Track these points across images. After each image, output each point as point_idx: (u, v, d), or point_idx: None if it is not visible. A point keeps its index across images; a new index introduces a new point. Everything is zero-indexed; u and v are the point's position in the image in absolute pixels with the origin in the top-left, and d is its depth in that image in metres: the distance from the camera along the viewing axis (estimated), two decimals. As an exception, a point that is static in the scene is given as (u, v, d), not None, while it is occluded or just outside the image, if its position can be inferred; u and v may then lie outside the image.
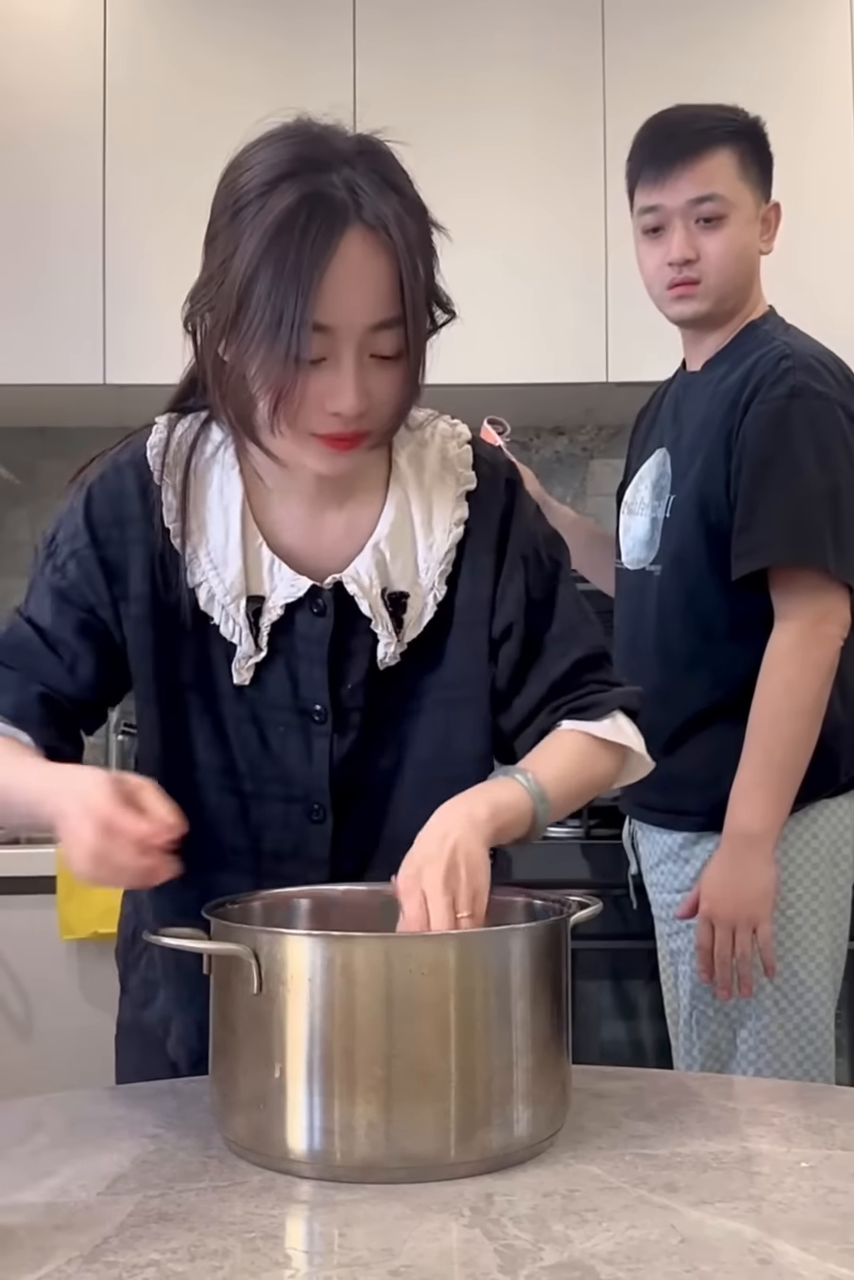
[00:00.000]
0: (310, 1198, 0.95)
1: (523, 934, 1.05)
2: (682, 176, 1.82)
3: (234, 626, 1.22)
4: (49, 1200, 0.93)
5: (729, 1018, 1.79)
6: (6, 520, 3.09)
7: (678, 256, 1.82)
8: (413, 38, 2.73)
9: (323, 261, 1.09)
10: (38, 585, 1.26)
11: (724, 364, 1.88)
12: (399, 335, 1.13)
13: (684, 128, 1.85)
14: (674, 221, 1.83)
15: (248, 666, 1.23)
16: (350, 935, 1.04)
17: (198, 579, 1.22)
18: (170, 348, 2.92)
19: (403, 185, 1.16)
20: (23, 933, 2.40)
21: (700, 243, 1.82)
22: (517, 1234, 0.87)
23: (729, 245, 1.83)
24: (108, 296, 2.70)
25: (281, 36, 2.75)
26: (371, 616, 1.23)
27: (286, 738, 1.25)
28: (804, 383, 1.77)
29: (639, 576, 1.90)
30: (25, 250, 2.71)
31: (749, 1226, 0.88)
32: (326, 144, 1.18)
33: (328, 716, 1.24)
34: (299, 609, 1.23)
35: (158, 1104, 1.15)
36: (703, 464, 1.82)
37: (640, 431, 2.06)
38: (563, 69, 2.75)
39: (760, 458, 1.76)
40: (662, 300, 1.89)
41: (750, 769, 1.73)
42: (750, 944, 1.73)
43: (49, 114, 2.73)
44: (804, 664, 1.73)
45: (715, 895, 1.74)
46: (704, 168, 1.82)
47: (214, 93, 2.75)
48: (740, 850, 1.73)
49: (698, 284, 1.84)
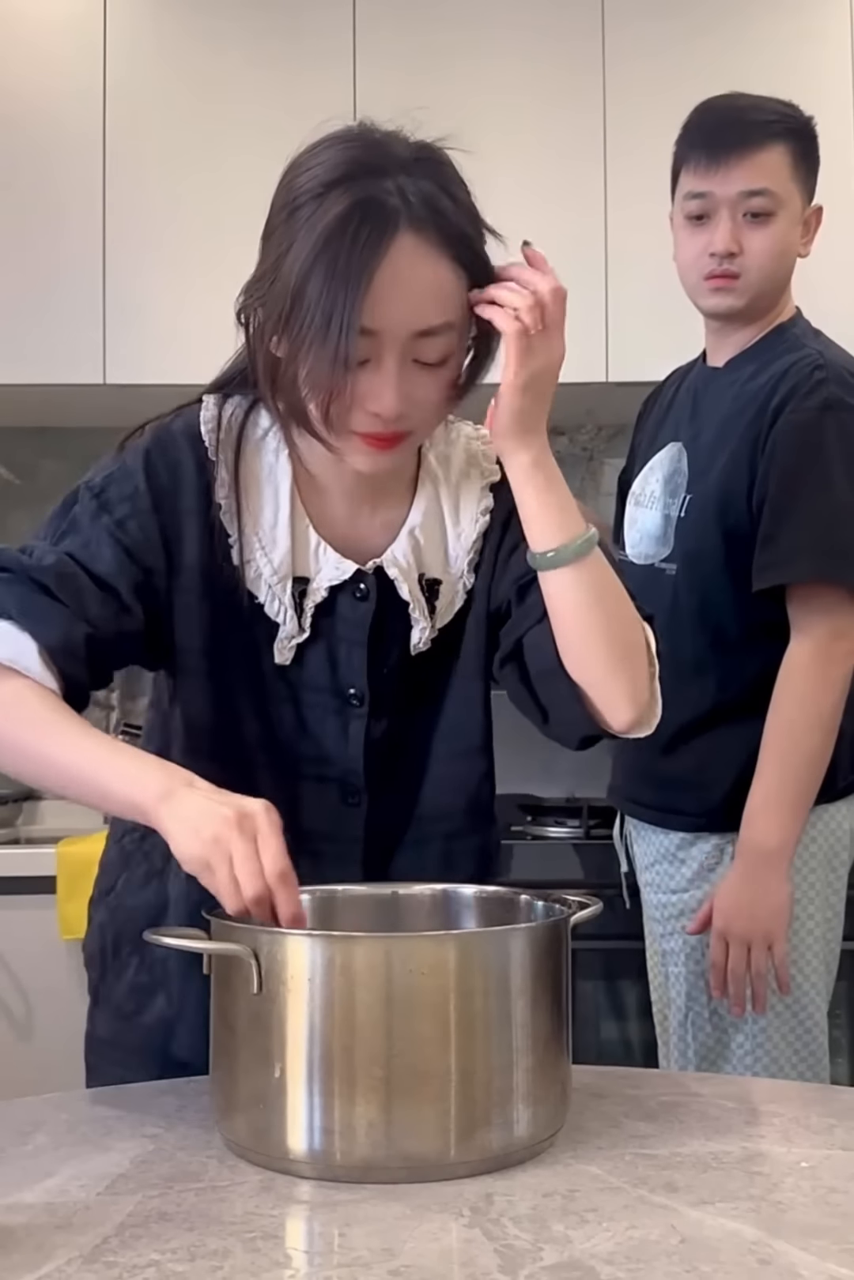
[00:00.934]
0: (310, 1198, 0.95)
1: (523, 934, 1.05)
2: (736, 167, 1.78)
3: (279, 606, 1.25)
4: (49, 1200, 0.93)
5: (724, 1020, 1.78)
6: (6, 520, 3.09)
7: (722, 248, 1.78)
8: (413, 40, 2.73)
9: (372, 265, 1.11)
10: (85, 528, 1.26)
11: (751, 364, 1.85)
12: (444, 343, 1.16)
13: (743, 117, 1.81)
14: (721, 211, 1.79)
15: (290, 647, 1.26)
16: (350, 935, 1.04)
17: (246, 557, 1.25)
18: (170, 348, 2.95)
19: (458, 193, 1.18)
20: (23, 933, 2.40)
21: (746, 237, 1.79)
22: (517, 1234, 0.87)
23: (773, 244, 1.81)
24: (108, 296, 2.70)
25: (281, 36, 2.74)
26: (410, 601, 1.27)
27: (324, 719, 1.28)
28: (838, 396, 1.75)
29: (648, 572, 1.87)
30: (26, 251, 2.71)
31: (749, 1226, 0.88)
32: (384, 150, 1.19)
33: (365, 699, 1.27)
34: (342, 592, 1.27)
35: (158, 1104, 1.15)
36: (725, 466, 1.79)
37: (651, 419, 2.03)
38: (563, 70, 2.75)
39: (790, 469, 1.74)
40: (697, 290, 1.85)
41: (766, 784, 1.72)
42: (766, 961, 1.71)
43: (49, 115, 2.73)
44: (820, 680, 1.72)
45: (730, 912, 1.72)
46: (759, 161, 1.78)
47: (214, 93, 2.75)
48: (756, 866, 1.72)
49: (737, 279, 1.80)
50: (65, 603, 1.19)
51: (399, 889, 1.23)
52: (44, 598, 1.19)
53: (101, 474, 1.31)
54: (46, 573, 1.21)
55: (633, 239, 2.70)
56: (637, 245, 2.72)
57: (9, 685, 1.15)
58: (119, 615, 1.22)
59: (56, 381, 2.71)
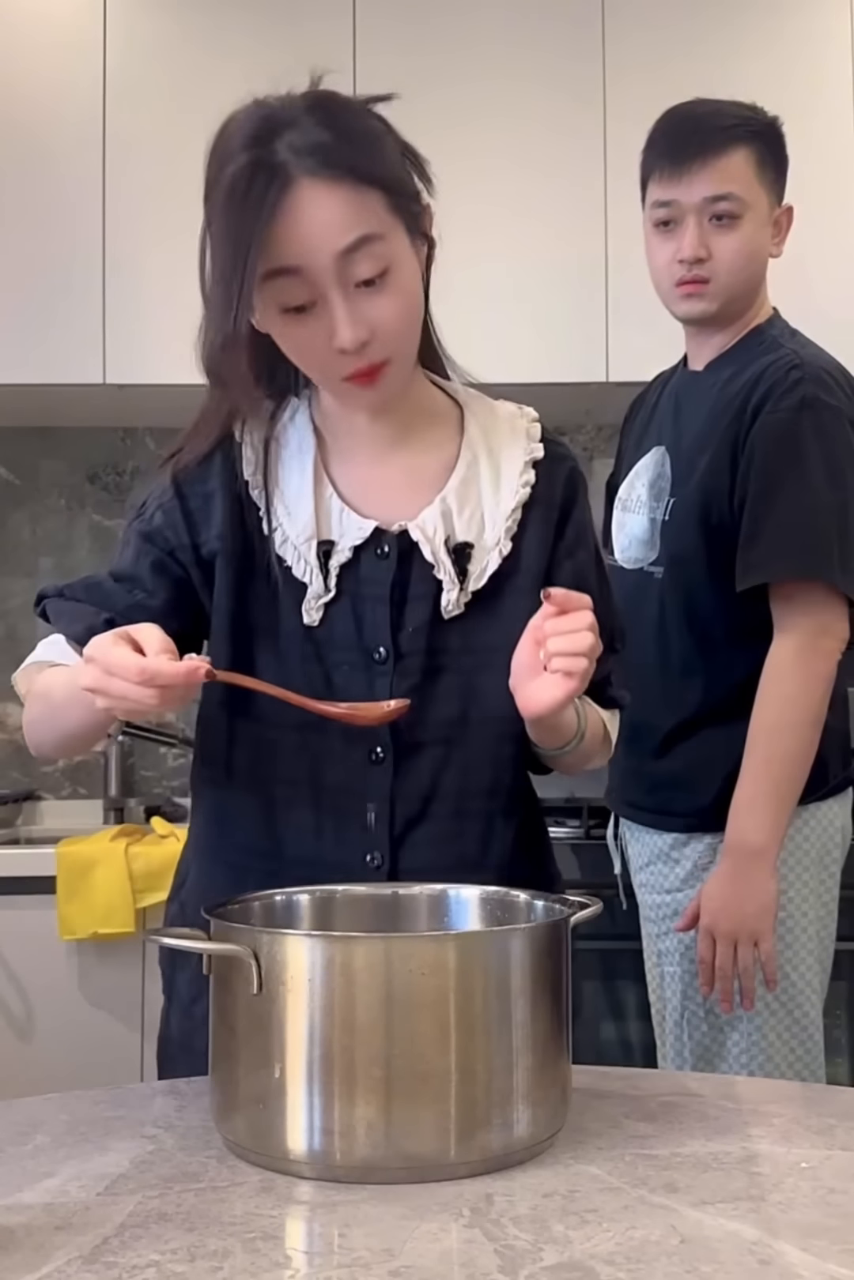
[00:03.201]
0: (310, 1198, 0.95)
1: (523, 934, 1.05)
2: (699, 173, 1.79)
3: (306, 567, 1.30)
4: (49, 1200, 0.93)
5: (720, 1019, 1.78)
6: (7, 520, 3.09)
7: (690, 254, 1.80)
8: (413, 38, 2.73)
9: (264, 216, 1.17)
10: (123, 540, 1.38)
11: (730, 366, 1.86)
12: (374, 256, 1.20)
13: (705, 123, 1.82)
14: (688, 218, 1.81)
15: (317, 607, 1.30)
16: (350, 935, 1.04)
17: (274, 525, 1.31)
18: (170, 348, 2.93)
19: (353, 124, 1.23)
20: (23, 933, 2.40)
21: (713, 242, 1.80)
22: (517, 1234, 0.87)
23: (741, 246, 1.81)
24: (108, 296, 2.70)
25: (281, 35, 2.74)
26: (435, 563, 1.30)
27: (350, 677, 1.31)
28: (814, 394, 1.76)
29: (637, 576, 1.89)
30: (26, 250, 2.71)
31: (749, 1227, 0.88)
32: (274, 114, 1.24)
33: (390, 657, 1.30)
34: (364, 551, 1.31)
35: (158, 1104, 1.15)
36: (707, 468, 1.80)
37: (636, 424, 2.04)
38: (563, 71, 2.75)
39: (770, 469, 1.75)
40: (669, 297, 1.87)
41: (751, 782, 1.73)
42: (752, 957, 1.72)
43: (49, 114, 2.73)
44: (805, 677, 1.73)
45: (717, 908, 1.73)
46: (722, 166, 1.79)
47: (214, 92, 2.74)
48: (742, 863, 1.72)
49: (707, 283, 1.82)
50: (87, 601, 1.34)
51: (399, 889, 1.23)
52: (72, 603, 1.36)
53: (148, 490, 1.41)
54: (75, 588, 1.37)
55: (633, 239, 2.70)
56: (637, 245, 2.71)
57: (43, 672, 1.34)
58: (147, 599, 1.32)
59: (56, 381, 2.72)
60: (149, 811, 2.94)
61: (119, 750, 3.05)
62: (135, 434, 3.13)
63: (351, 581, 1.31)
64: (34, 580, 3.07)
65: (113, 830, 2.54)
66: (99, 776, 3.07)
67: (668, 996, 1.83)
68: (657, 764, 1.85)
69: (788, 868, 1.78)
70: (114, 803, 3.02)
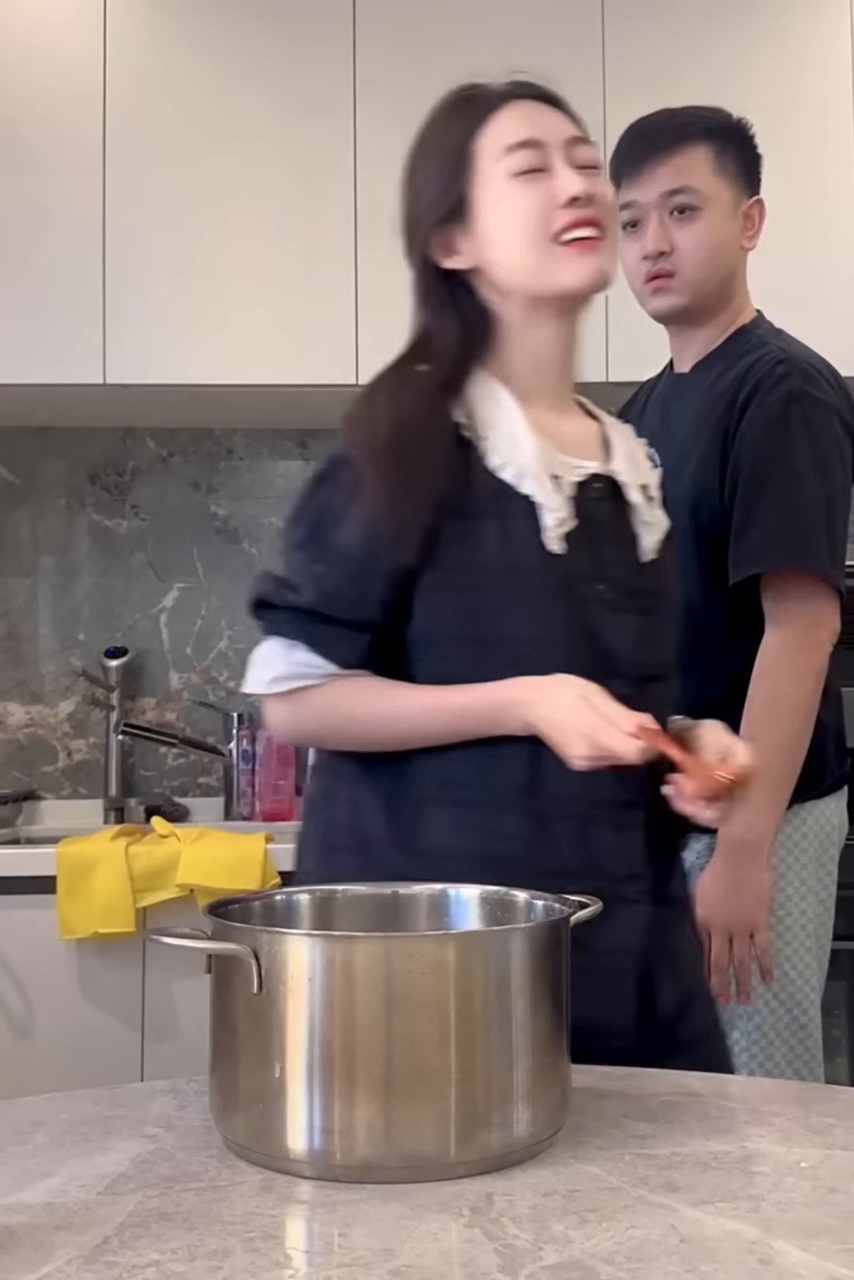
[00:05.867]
0: (310, 1198, 0.95)
1: (523, 934, 1.05)
2: (655, 170, 1.84)
3: (546, 494, 1.33)
4: (49, 1200, 0.93)
5: (720, 1018, 1.78)
6: (6, 520, 3.09)
7: (652, 249, 1.84)
8: (413, 37, 2.73)
9: (497, 104, 1.41)
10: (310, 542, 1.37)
11: (716, 366, 1.87)
12: (591, 151, 1.43)
13: (660, 125, 1.89)
14: (649, 215, 1.85)
15: (560, 534, 1.33)
16: (350, 935, 1.04)
17: (501, 461, 1.33)
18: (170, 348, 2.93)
19: None
20: (23, 933, 2.40)
21: (674, 235, 1.84)
22: (516, 1234, 0.87)
23: (703, 238, 1.85)
24: (108, 296, 2.70)
25: (281, 35, 2.75)
26: (638, 503, 1.40)
27: (600, 614, 1.35)
28: (801, 388, 1.77)
29: None
30: (26, 251, 2.71)
31: (749, 1226, 0.88)
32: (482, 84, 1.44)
33: (624, 595, 1.36)
34: (585, 489, 1.37)
35: (158, 1103, 1.15)
36: (697, 466, 1.81)
37: None
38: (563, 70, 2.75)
39: (759, 462, 1.76)
40: (642, 295, 1.90)
41: None
42: (748, 950, 1.72)
43: (49, 114, 2.73)
44: (797, 670, 1.74)
45: (712, 902, 1.72)
46: (676, 162, 1.85)
47: (214, 93, 2.75)
48: (736, 856, 1.72)
49: (673, 276, 1.85)
50: (339, 621, 1.34)
51: (399, 889, 1.23)
52: (328, 627, 1.35)
53: None
54: (323, 602, 1.36)
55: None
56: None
57: (338, 680, 1.34)
58: (386, 608, 1.34)
59: (56, 381, 2.71)
60: (149, 811, 2.94)
61: (119, 750, 3.05)
62: (135, 434, 3.13)
63: (582, 516, 1.35)
64: (34, 580, 3.07)
65: (113, 830, 2.54)
66: (99, 776, 3.08)
67: None
68: None
69: (786, 866, 1.78)
70: (114, 802, 3.02)
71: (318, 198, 2.71)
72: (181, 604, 3.14)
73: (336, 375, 2.68)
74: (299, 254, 2.73)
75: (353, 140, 2.68)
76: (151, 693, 3.12)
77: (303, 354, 2.72)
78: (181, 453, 3.15)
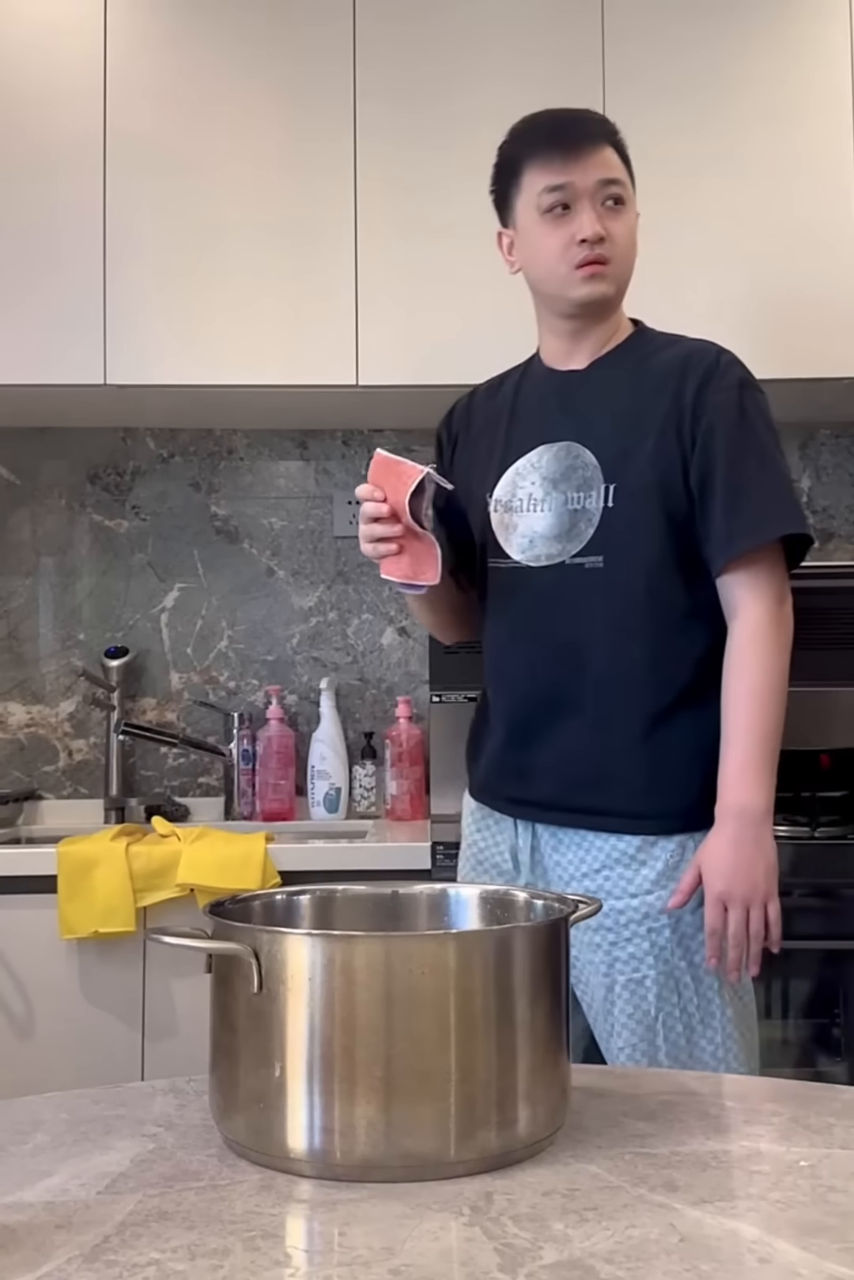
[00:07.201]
0: (310, 1197, 0.95)
1: (523, 934, 1.05)
2: (589, 157, 1.85)
3: None
4: (49, 1199, 0.93)
5: (692, 1017, 1.77)
6: (7, 520, 3.09)
7: (591, 233, 1.83)
8: (413, 36, 2.73)
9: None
10: None
11: (623, 363, 1.90)
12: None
13: (581, 117, 1.92)
14: (583, 200, 1.84)
15: None
16: (350, 935, 1.04)
17: None
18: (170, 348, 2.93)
19: None
20: (23, 932, 2.40)
21: (607, 223, 1.85)
22: (516, 1233, 0.87)
23: (630, 231, 1.89)
24: (108, 296, 2.70)
25: (281, 37, 2.75)
26: None
27: None
28: (745, 376, 1.85)
29: (555, 572, 1.86)
30: (26, 250, 2.72)
31: (748, 1225, 0.88)
32: None
33: None
34: None
35: (158, 1103, 1.15)
36: (655, 451, 1.82)
37: (477, 430, 2.02)
38: (563, 70, 2.75)
39: (732, 445, 1.80)
40: (568, 282, 1.87)
41: (742, 748, 1.75)
42: (762, 921, 1.73)
43: (49, 115, 2.73)
44: (778, 644, 1.78)
45: (730, 876, 1.72)
46: (605, 155, 1.87)
47: (214, 94, 2.75)
48: (747, 827, 1.73)
49: (608, 264, 1.86)
50: None
51: (399, 888, 1.24)
52: None
53: None
54: None
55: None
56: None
57: None
58: None
59: (56, 381, 2.72)
60: (149, 811, 2.95)
61: (120, 750, 3.05)
62: (136, 434, 3.13)
63: None
64: (34, 580, 3.07)
65: (113, 830, 2.55)
66: (99, 776, 3.08)
67: (639, 1001, 1.80)
68: (619, 764, 1.82)
69: None
70: (115, 802, 3.02)
71: (318, 198, 2.71)
72: (182, 604, 3.14)
73: (337, 375, 2.68)
74: (299, 255, 2.73)
75: (353, 140, 2.68)
76: (152, 693, 3.12)
77: (303, 354, 2.72)
78: (182, 453, 3.15)
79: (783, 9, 2.78)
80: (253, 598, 3.14)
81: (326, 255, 2.71)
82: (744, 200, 2.72)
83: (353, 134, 2.69)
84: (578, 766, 1.82)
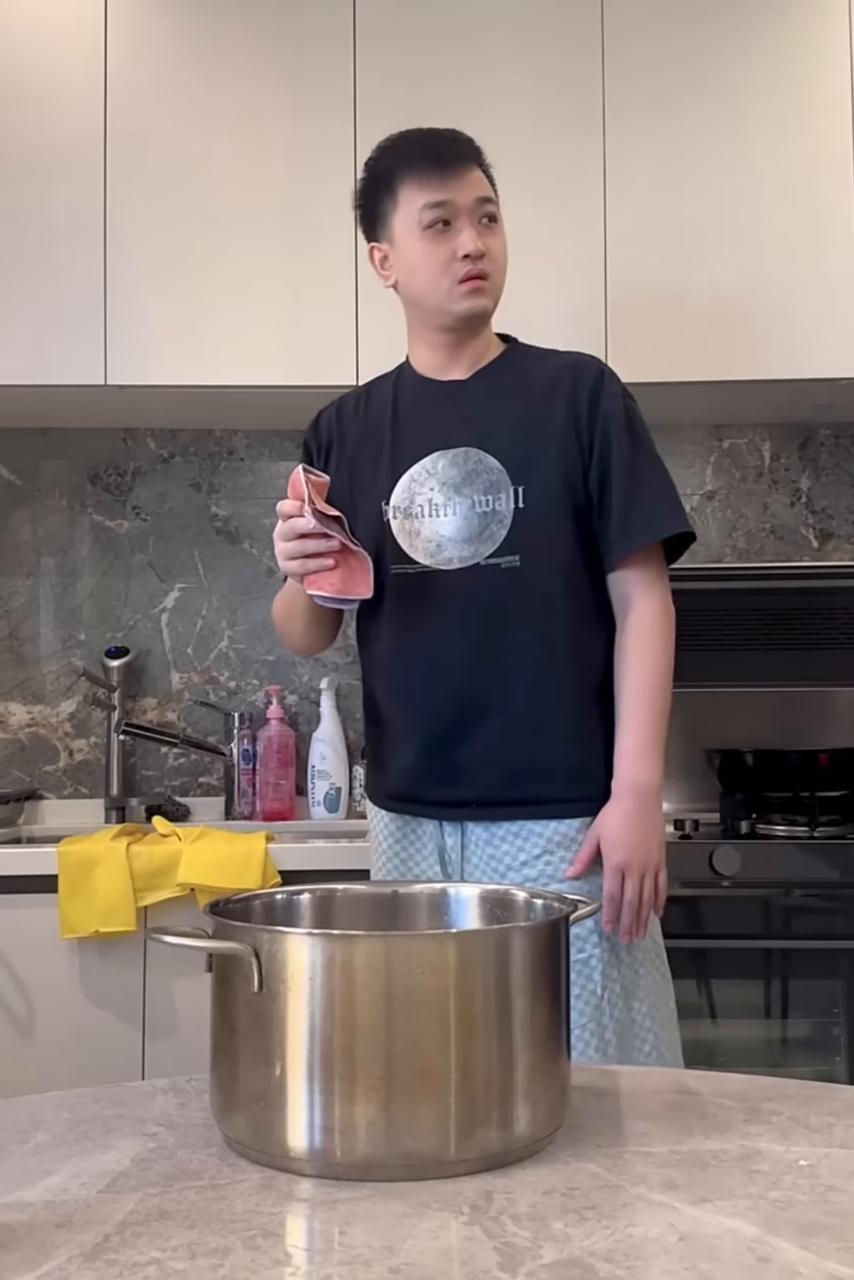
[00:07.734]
0: (310, 1196, 0.95)
1: (523, 933, 1.06)
2: (466, 176, 1.91)
3: None
4: (49, 1198, 0.94)
5: (627, 990, 1.85)
6: (7, 520, 3.09)
7: (473, 249, 1.88)
8: (413, 36, 2.73)
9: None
10: None
11: (502, 375, 1.96)
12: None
13: (453, 136, 1.96)
14: (462, 217, 1.89)
15: None
16: (350, 934, 1.04)
17: None
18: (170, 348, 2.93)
19: None
20: (24, 932, 2.41)
21: (485, 241, 1.91)
22: (516, 1232, 0.87)
23: (505, 248, 1.95)
24: (108, 296, 2.70)
25: (281, 36, 2.75)
26: None
27: None
28: (622, 385, 1.96)
29: (469, 574, 1.89)
30: (26, 251, 2.72)
31: (748, 1224, 0.88)
32: None
33: None
34: None
35: (158, 1102, 1.15)
36: (558, 453, 1.90)
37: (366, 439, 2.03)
38: (562, 69, 2.75)
39: (628, 445, 1.91)
40: (451, 296, 1.91)
41: (642, 731, 1.87)
42: (653, 889, 1.85)
43: (49, 115, 2.73)
44: (669, 636, 1.91)
45: (629, 846, 1.83)
46: (477, 175, 1.93)
47: (214, 95, 2.75)
48: (643, 802, 1.85)
49: (488, 279, 1.91)
50: None
51: (399, 888, 1.24)
52: None
53: None
54: None
55: (632, 239, 2.71)
56: (636, 245, 2.72)
57: None
58: None
59: (56, 382, 2.72)
60: (150, 811, 2.95)
61: (120, 750, 3.05)
62: (136, 434, 3.13)
63: None
64: (35, 580, 3.08)
65: (114, 829, 2.55)
66: (100, 776, 3.08)
67: (585, 981, 1.84)
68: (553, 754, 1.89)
69: None
70: (115, 802, 3.02)
71: (318, 199, 2.71)
72: (182, 604, 3.14)
73: (336, 375, 2.68)
74: (299, 255, 2.73)
75: (353, 141, 2.68)
76: (152, 692, 3.12)
77: (303, 354, 2.72)
78: (182, 453, 3.15)
79: (783, 14, 2.78)
80: (253, 598, 3.14)
81: (327, 256, 2.71)
82: (744, 200, 2.72)
83: (354, 134, 2.69)
84: (512, 761, 1.88)
